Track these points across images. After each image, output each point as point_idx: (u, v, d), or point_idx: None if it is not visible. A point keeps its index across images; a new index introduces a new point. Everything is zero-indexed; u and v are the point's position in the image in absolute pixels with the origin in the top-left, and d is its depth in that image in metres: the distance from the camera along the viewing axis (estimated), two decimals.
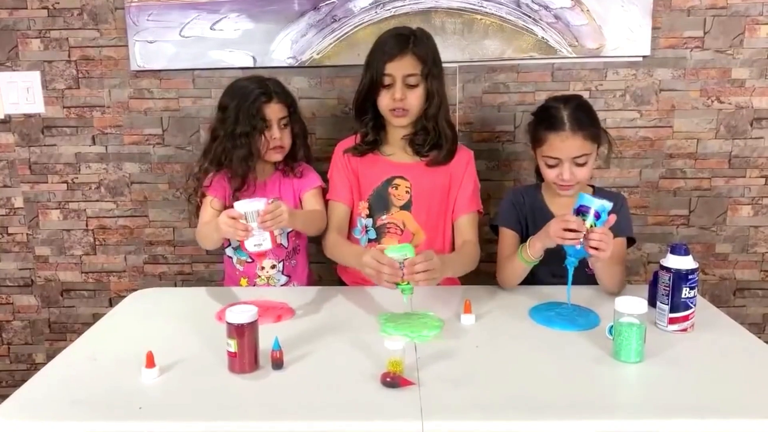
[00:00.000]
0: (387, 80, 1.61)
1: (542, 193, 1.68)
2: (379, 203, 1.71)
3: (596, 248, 1.35)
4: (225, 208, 1.66)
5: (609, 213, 1.40)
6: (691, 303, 1.32)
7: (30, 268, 2.26)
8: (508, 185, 2.12)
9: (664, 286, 1.33)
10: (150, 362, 1.14)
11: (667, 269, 1.33)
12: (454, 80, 2.04)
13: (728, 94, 2.05)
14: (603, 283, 1.53)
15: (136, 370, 1.15)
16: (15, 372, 2.34)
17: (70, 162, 2.18)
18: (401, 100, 1.61)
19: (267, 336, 1.20)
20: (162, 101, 2.12)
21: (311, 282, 1.90)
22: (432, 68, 1.62)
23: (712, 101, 2.05)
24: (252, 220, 1.42)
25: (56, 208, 2.21)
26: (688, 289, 1.31)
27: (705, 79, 2.04)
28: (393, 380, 1.09)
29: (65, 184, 2.20)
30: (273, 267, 1.78)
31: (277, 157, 1.73)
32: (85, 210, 2.21)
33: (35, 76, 2.12)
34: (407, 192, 1.69)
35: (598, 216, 1.38)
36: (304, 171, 1.79)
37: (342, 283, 1.79)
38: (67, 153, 2.17)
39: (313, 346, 1.28)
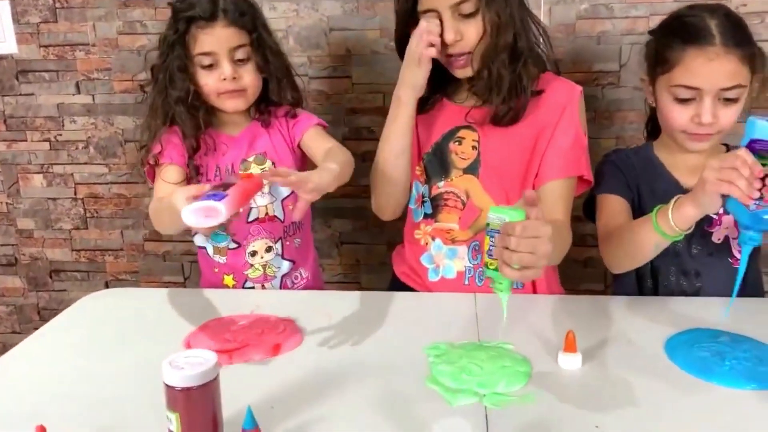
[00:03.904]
0: (423, 5, 1.09)
1: (655, 152, 1.18)
2: (437, 165, 1.19)
3: None
4: (186, 177, 1.22)
5: None
6: None
7: (13, 245, 1.88)
8: (608, 145, 1.58)
9: None
10: None
11: None
12: (537, 1, 1.50)
13: None
14: None
15: None
16: None
17: (51, 115, 1.77)
18: (455, 41, 1.08)
19: (254, 385, 0.76)
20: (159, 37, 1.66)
21: (317, 269, 1.41)
22: None
23: None
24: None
25: (39, 172, 1.81)
26: None
27: None
28: None
29: (47, 143, 1.79)
30: (268, 250, 1.28)
31: (235, 104, 1.23)
32: (72, 175, 1.81)
33: (3, 6, 1.70)
34: (474, 148, 1.16)
35: None
36: (291, 111, 1.29)
37: (397, 283, 1.28)
38: (48, 104, 1.76)
39: (321, 407, 0.79)
